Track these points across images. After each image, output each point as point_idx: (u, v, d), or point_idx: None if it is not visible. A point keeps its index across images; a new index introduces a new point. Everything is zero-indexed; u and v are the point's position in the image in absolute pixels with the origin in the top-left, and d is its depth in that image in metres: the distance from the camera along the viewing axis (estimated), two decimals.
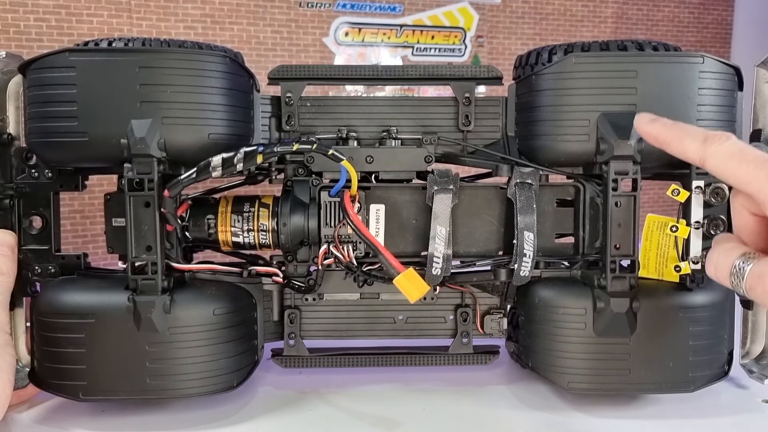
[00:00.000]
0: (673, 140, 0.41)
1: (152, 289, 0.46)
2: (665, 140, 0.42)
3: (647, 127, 0.43)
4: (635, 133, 0.46)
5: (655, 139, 0.43)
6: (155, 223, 0.46)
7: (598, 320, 0.48)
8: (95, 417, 0.50)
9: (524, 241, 0.49)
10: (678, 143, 0.41)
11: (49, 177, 0.52)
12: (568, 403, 0.52)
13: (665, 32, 1.29)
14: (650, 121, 0.44)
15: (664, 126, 0.43)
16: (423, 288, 0.47)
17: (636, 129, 0.44)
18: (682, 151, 0.41)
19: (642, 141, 0.46)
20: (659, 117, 0.44)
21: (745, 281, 0.37)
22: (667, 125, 0.43)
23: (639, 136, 0.46)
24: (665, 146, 0.42)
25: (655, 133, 0.43)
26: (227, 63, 0.48)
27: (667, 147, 0.42)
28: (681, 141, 0.41)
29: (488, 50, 1.18)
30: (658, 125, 0.43)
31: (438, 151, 0.54)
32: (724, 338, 0.51)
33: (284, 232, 0.52)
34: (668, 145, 0.42)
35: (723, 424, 0.49)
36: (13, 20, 0.85)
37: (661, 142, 0.43)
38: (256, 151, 0.46)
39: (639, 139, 0.46)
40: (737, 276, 0.38)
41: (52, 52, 0.46)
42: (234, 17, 1.00)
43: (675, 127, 0.42)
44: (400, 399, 0.53)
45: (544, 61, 0.51)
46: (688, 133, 0.41)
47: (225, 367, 0.49)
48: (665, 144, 0.42)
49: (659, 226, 0.50)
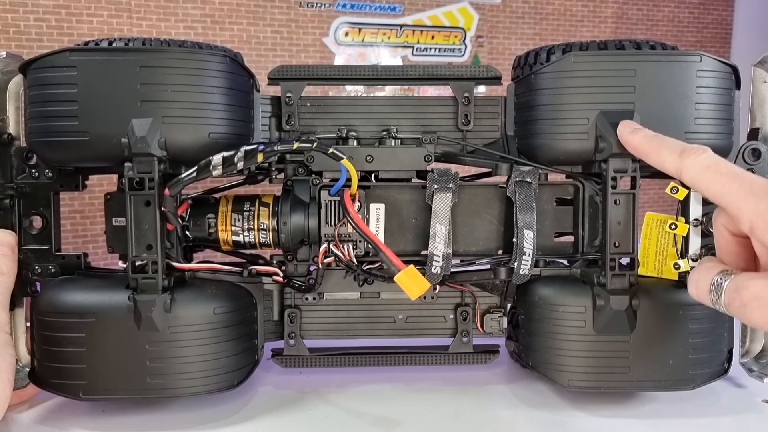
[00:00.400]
0: (652, 152, 0.43)
1: (153, 288, 0.47)
2: (644, 152, 0.44)
3: (628, 137, 0.45)
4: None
5: (635, 149, 0.45)
6: (156, 222, 0.46)
7: (597, 318, 0.48)
8: (95, 417, 0.50)
9: (524, 239, 0.49)
10: (656, 155, 0.43)
11: (49, 177, 0.52)
12: (568, 402, 0.52)
13: (665, 32, 1.29)
14: (632, 131, 0.45)
15: (644, 138, 0.44)
16: (424, 285, 0.47)
17: (618, 137, 0.46)
18: (660, 162, 0.43)
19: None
20: (641, 128, 0.45)
21: (723, 296, 0.38)
22: (647, 137, 0.44)
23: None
24: (644, 157, 0.44)
25: (635, 143, 0.45)
26: (228, 62, 0.48)
27: (646, 158, 0.44)
28: (659, 153, 0.43)
29: (488, 50, 1.19)
30: (638, 137, 0.44)
31: (437, 150, 0.54)
32: (724, 336, 0.51)
33: (284, 231, 0.52)
34: (647, 157, 0.44)
35: (723, 424, 0.49)
36: (13, 20, 0.85)
37: (641, 153, 0.44)
38: (257, 150, 0.46)
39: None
40: (716, 292, 0.38)
41: (53, 51, 0.46)
42: (234, 17, 1.00)
43: (654, 139, 0.44)
44: (400, 399, 0.53)
45: (542, 61, 0.52)
46: (666, 146, 0.42)
47: (225, 366, 0.49)
48: (644, 155, 0.44)
49: (658, 224, 0.50)
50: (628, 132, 0.45)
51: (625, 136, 0.45)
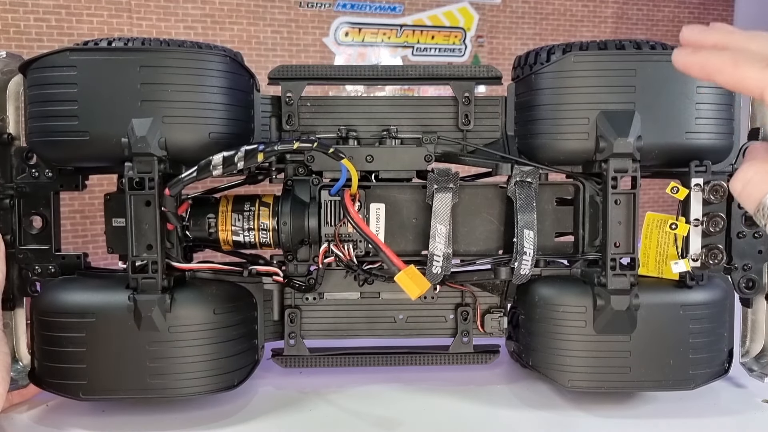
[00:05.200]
0: (727, 66, 0.34)
1: (153, 288, 0.46)
2: (716, 68, 0.34)
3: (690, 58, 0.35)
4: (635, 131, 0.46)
5: (701, 67, 0.35)
6: (156, 221, 0.46)
7: (598, 318, 0.48)
8: (95, 417, 0.50)
9: (524, 239, 0.49)
10: (733, 69, 0.33)
11: (49, 177, 0.52)
12: (568, 402, 0.52)
13: (665, 32, 1.29)
14: (692, 51, 0.35)
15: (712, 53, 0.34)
16: (424, 285, 0.47)
17: (675, 64, 0.36)
18: (739, 78, 0.33)
19: (641, 138, 0.46)
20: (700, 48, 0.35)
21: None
22: (715, 52, 0.34)
23: (639, 134, 0.46)
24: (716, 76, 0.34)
25: (702, 60, 0.35)
26: (228, 62, 0.48)
27: (718, 76, 0.34)
28: (736, 66, 0.33)
29: (488, 50, 1.19)
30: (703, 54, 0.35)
31: (438, 150, 0.54)
32: (724, 336, 0.51)
33: (285, 231, 0.52)
34: (720, 74, 0.34)
35: (723, 424, 0.49)
36: (13, 20, 0.85)
37: (710, 71, 0.34)
38: (257, 150, 0.46)
39: (638, 136, 0.46)
40: (763, 212, 0.33)
41: (54, 51, 0.46)
42: (234, 17, 1.00)
43: (727, 52, 0.34)
44: (400, 399, 0.53)
45: (542, 61, 0.52)
46: (744, 57, 0.33)
47: (225, 366, 0.49)
48: (716, 73, 0.34)
49: (658, 224, 0.50)
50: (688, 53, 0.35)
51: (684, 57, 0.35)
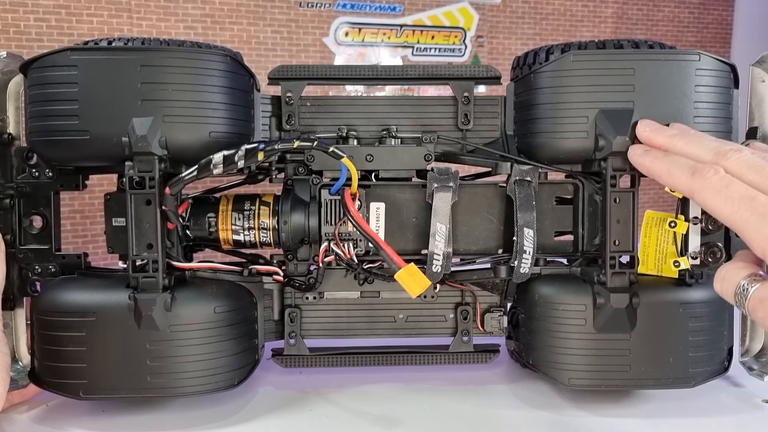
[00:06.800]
0: (663, 173, 0.43)
1: (153, 287, 0.47)
2: (656, 173, 0.44)
3: (640, 159, 0.45)
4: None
5: (647, 171, 0.44)
6: (156, 221, 0.46)
7: (598, 316, 0.48)
8: (95, 416, 0.50)
9: (524, 237, 0.49)
10: (667, 176, 0.42)
11: (49, 176, 0.52)
12: (568, 402, 0.52)
13: (665, 32, 1.29)
14: (642, 153, 0.45)
15: (655, 159, 0.44)
16: (424, 283, 0.47)
17: (630, 159, 0.46)
18: (672, 184, 0.42)
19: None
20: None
21: (748, 302, 0.38)
22: (658, 158, 0.44)
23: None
24: (657, 178, 0.44)
25: (647, 165, 0.44)
26: (228, 62, 0.48)
27: (659, 179, 0.43)
28: (670, 174, 0.42)
29: (488, 50, 1.19)
30: (649, 158, 0.44)
31: (437, 149, 0.54)
32: (724, 334, 0.51)
33: (285, 230, 0.52)
34: (659, 178, 0.43)
35: (723, 423, 0.49)
36: (13, 20, 0.85)
37: (653, 174, 0.44)
38: (257, 148, 0.46)
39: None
40: (741, 296, 0.38)
41: (54, 51, 0.46)
42: (234, 17, 1.00)
43: (665, 160, 0.43)
44: (400, 398, 0.53)
45: (541, 61, 0.52)
46: (676, 167, 0.42)
47: (226, 366, 0.49)
48: (656, 177, 0.44)
49: (658, 222, 0.50)
50: (639, 154, 0.45)
51: (636, 158, 0.45)
